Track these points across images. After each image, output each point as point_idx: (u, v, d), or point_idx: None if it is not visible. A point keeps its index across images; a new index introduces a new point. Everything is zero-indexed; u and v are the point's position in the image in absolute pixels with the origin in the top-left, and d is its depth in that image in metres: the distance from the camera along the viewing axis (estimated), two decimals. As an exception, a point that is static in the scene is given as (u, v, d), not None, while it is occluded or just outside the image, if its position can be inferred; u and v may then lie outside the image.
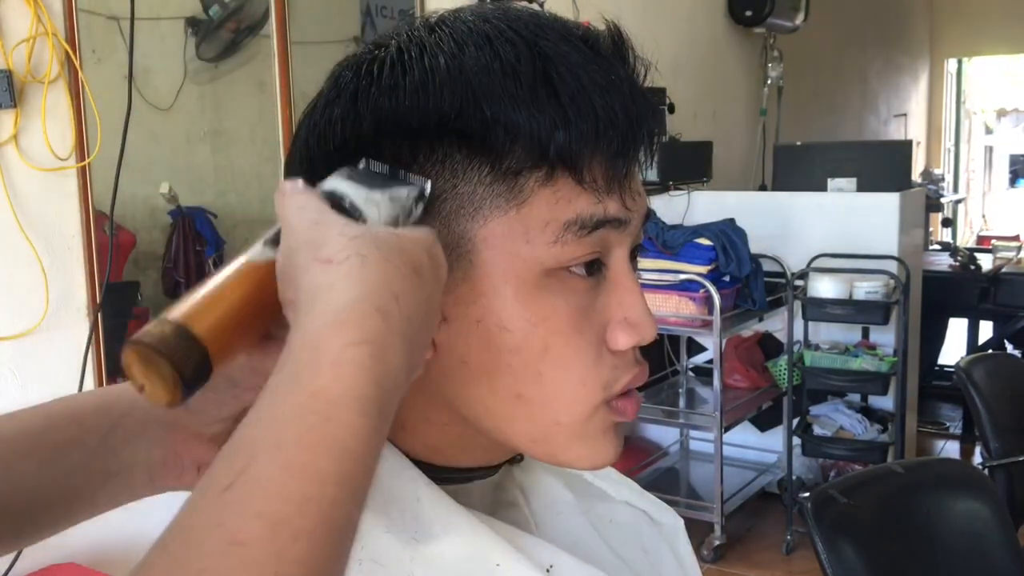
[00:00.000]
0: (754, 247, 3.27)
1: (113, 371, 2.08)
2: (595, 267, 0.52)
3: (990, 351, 4.29)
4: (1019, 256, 4.80)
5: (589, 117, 0.49)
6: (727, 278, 3.19)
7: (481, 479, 0.58)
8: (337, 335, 0.38)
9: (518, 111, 0.49)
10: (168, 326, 0.40)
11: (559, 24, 0.52)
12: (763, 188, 4.66)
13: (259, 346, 0.47)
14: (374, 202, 0.46)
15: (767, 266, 3.39)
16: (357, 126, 0.51)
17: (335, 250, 0.41)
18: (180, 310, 0.41)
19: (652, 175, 3.48)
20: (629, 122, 0.51)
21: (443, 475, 0.56)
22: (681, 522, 0.72)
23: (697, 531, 3.10)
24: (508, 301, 0.50)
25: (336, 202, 0.46)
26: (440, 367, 0.52)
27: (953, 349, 5.18)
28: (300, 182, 0.47)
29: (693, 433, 3.86)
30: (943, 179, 8.38)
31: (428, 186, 0.49)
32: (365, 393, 0.37)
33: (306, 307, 0.40)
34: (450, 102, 0.49)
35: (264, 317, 0.44)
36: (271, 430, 0.36)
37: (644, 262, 3.06)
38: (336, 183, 0.47)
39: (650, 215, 0.56)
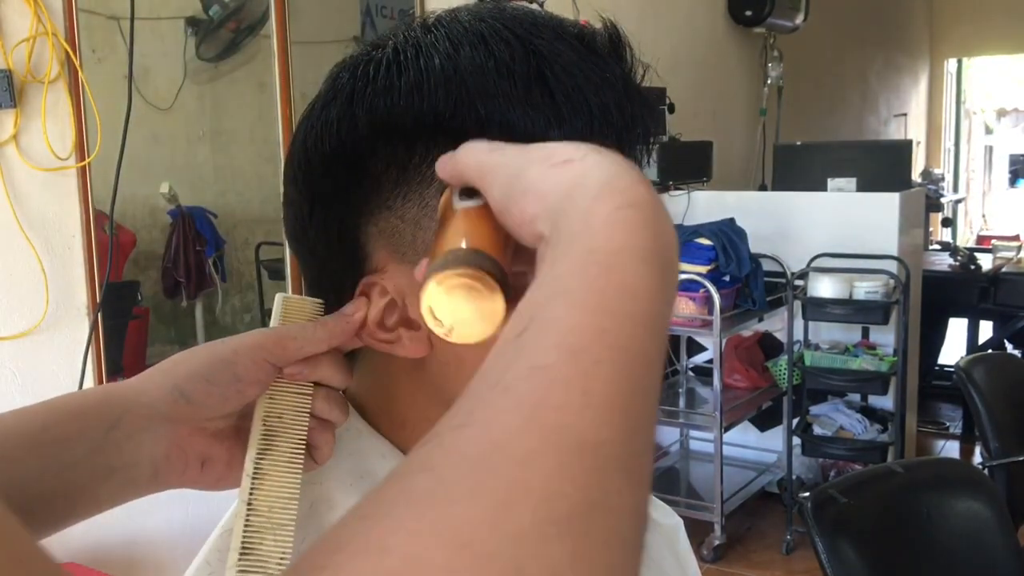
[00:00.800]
0: (754, 247, 3.27)
1: (113, 371, 2.08)
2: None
3: (990, 351, 4.29)
4: (1019, 256, 4.80)
5: (583, 115, 0.49)
6: (727, 278, 3.19)
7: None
8: (605, 203, 0.38)
9: (512, 110, 0.49)
10: (465, 251, 0.41)
11: (554, 23, 0.52)
12: (763, 188, 4.66)
13: None
14: None
15: (767, 266, 3.39)
16: (353, 127, 0.51)
17: (570, 152, 0.41)
18: (458, 244, 0.42)
19: (652, 175, 3.48)
20: (624, 120, 0.51)
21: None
22: (680, 522, 0.72)
23: (697, 531, 3.10)
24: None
25: None
26: (438, 365, 0.53)
27: (953, 349, 5.18)
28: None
29: (693, 433, 3.86)
30: (943, 179, 8.38)
31: None
32: (643, 244, 0.37)
33: (563, 202, 0.39)
34: (445, 102, 0.49)
35: (508, 247, 0.44)
36: (554, 286, 0.36)
37: (644, 262, 3.05)
38: None
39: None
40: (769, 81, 4.93)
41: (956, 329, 5.24)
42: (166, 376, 0.52)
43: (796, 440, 3.40)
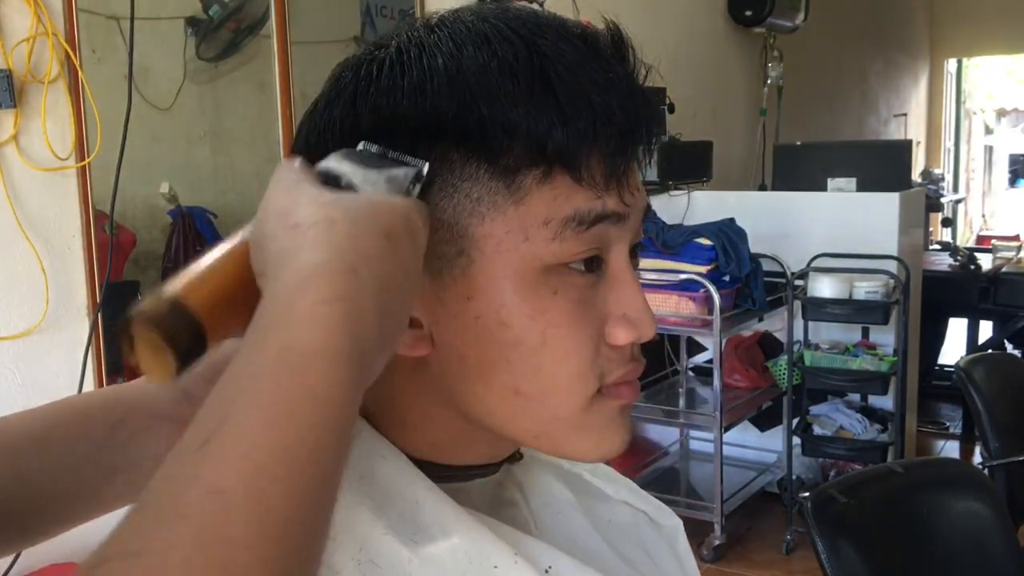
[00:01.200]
0: (754, 247, 3.27)
1: (113, 371, 2.08)
2: (595, 263, 0.52)
3: (990, 351, 4.29)
4: (1019, 256, 4.80)
5: (586, 115, 0.49)
6: (727, 278, 3.19)
7: (482, 477, 0.58)
8: (306, 294, 0.38)
9: (515, 110, 0.49)
10: (162, 301, 0.41)
11: (557, 23, 0.52)
12: (763, 188, 4.66)
13: None
14: (371, 182, 0.47)
15: (767, 266, 3.39)
16: (356, 127, 0.51)
17: (303, 216, 0.42)
18: (174, 285, 0.42)
19: (652, 175, 3.48)
20: (627, 120, 0.51)
21: (444, 473, 0.56)
22: (680, 523, 0.71)
23: (697, 531, 3.10)
24: (507, 297, 0.51)
25: (333, 181, 0.46)
26: (440, 364, 0.53)
27: (953, 349, 5.18)
28: (297, 160, 0.47)
29: (693, 433, 3.86)
30: (943, 179, 8.38)
31: (425, 168, 0.49)
32: (340, 347, 0.37)
33: (273, 272, 0.40)
34: (448, 102, 0.49)
35: (253, 295, 0.44)
36: (244, 387, 0.36)
37: (644, 262, 3.06)
38: (333, 163, 0.48)
39: (649, 211, 0.56)
40: (769, 81, 4.93)
41: (956, 329, 5.24)
42: None
43: (796, 440, 3.40)
